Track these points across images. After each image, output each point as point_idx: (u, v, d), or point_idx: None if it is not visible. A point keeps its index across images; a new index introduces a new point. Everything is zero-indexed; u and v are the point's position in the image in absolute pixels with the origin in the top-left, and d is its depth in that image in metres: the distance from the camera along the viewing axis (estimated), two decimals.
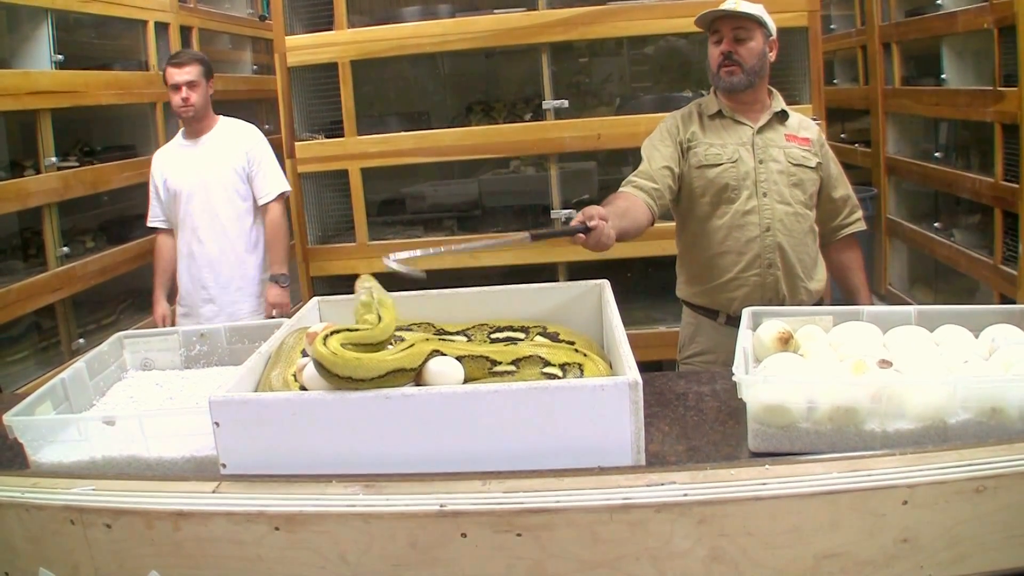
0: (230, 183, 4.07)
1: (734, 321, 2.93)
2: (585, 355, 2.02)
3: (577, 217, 2.46)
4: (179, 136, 4.16)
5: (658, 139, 3.06)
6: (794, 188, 2.98)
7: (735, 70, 2.94)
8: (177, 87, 3.94)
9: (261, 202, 4.13)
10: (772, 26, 2.97)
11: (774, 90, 3.09)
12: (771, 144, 2.99)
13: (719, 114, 3.04)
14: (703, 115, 3.07)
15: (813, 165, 3.00)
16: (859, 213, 3.17)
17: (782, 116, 3.04)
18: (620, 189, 2.96)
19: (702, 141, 3.01)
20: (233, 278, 4.11)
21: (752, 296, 2.95)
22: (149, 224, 4.21)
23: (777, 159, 2.97)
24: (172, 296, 4.22)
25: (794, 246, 2.96)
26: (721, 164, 2.98)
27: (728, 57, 2.94)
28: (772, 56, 3.01)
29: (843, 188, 3.13)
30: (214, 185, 4.05)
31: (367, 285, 2.02)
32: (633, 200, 2.84)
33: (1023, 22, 4.12)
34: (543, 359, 1.99)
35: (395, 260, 2.18)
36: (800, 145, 3.00)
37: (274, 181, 4.15)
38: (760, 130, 3.00)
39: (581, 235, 2.39)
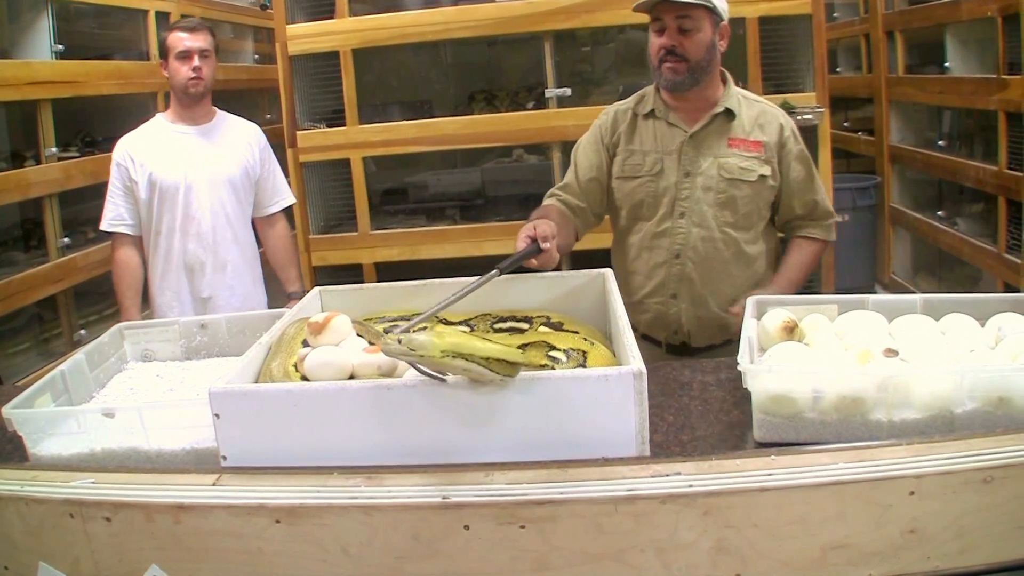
0: (240, 183, 3.56)
1: (646, 337, 2.85)
2: (592, 344, 2.01)
3: (527, 231, 2.40)
4: (163, 120, 3.57)
5: (589, 141, 2.87)
6: (721, 209, 2.70)
7: (679, 67, 2.63)
8: (187, 55, 3.39)
9: (268, 211, 3.69)
10: (724, 9, 2.65)
11: (729, 79, 2.80)
12: (705, 153, 2.71)
13: (652, 114, 2.78)
14: (638, 114, 2.80)
15: (754, 179, 2.69)
16: (827, 221, 2.82)
17: (728, 115, 2.72)
18: (547, 201, 2.85)
19: (624, 148, 2.79)
20: (249, 294, 3.63)
21: (655, 324, 2.81)
22: (109, 228, 3.51)
23: (707, 172, 2.69)
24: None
25: (708, 276, 2.72)
26: (639, 177, 2.76)
27: (671, 51, 2.63)
28: (723, 45, 2.71)
29: (811, 193, 2.77)
30: (223, 183, 3.51)
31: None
32: (562, 216, 2.73)
33: None
34: (548, 343, 1.98)
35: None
36: (746, 151, 2.70)
37: (284, 189, 3.77)
38: (694, 135, 2.71)
39: (533, 260, 2.36)
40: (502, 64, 5.16)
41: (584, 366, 1.91)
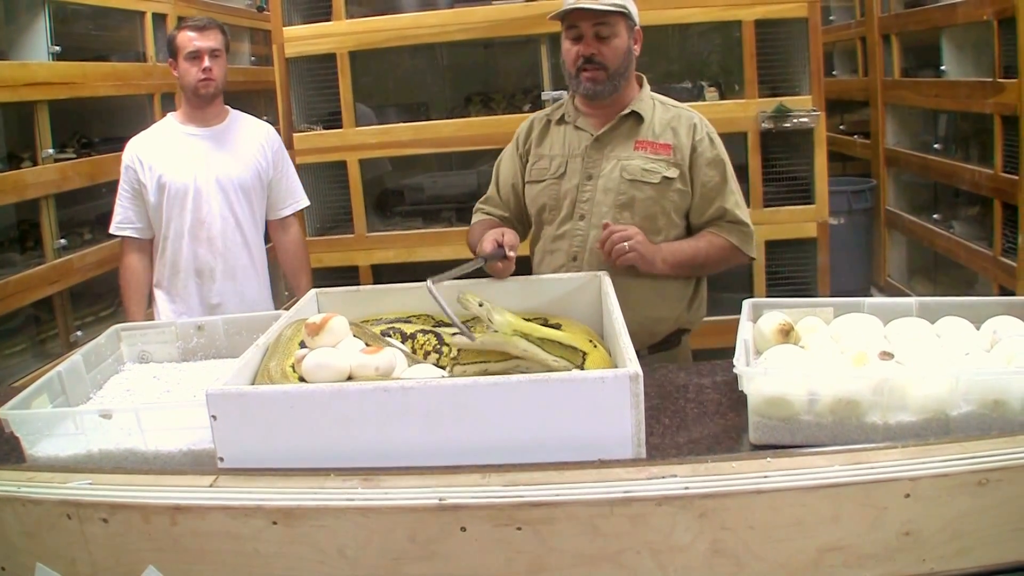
0: (251, 186, 3.45)
1: None
2: (595, 346, 2.02)
3: (494, 235, 2.47)
4: (173, 121, 3.46)
5: (508, 152, 2.90)
6: (620, 210, 2.64)
7: (598, 75, 2.60)
8: (198, 55, 3.30)
9: (281, 214, 3.60)
10: (635, 14, 2.64)
11: (645, 82, 2.78)
12: (608, 155, 2.67)
13: (562, 119, 2.77)
14: (551, 120, 2.80)
15: (657, 180, 2.62)
16: (741, 230, 2.69)
17: (637, 119, 2.68)
18: (475, 217, 2.91)
19: (535, 153, 2.79)
20: (258, 301, 3.50)
21: None
22: (118, 232, 3.43)
23: (609, 175, 2.65)
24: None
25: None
26: (543, 181, 2.74)
27: (589, 59, 2.59)
28: (637, 50, 2.68)
29: (721, 200, 2.67)
30: (234, 186, 3.41)
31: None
32: (499, 226, 2.71)
33: (1023, 14, 4.12)
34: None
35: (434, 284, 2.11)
36: (652, 154, 2.64)
37: (298, 191, 3.65)
38: (599, 138, 2.68)
39: (498, 264, 2.43)
40: (498, 66, 5.16)
41: (583, 367, 1.92)
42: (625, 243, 2.47)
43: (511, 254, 2.42)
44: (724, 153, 2.71)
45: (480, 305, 1.84)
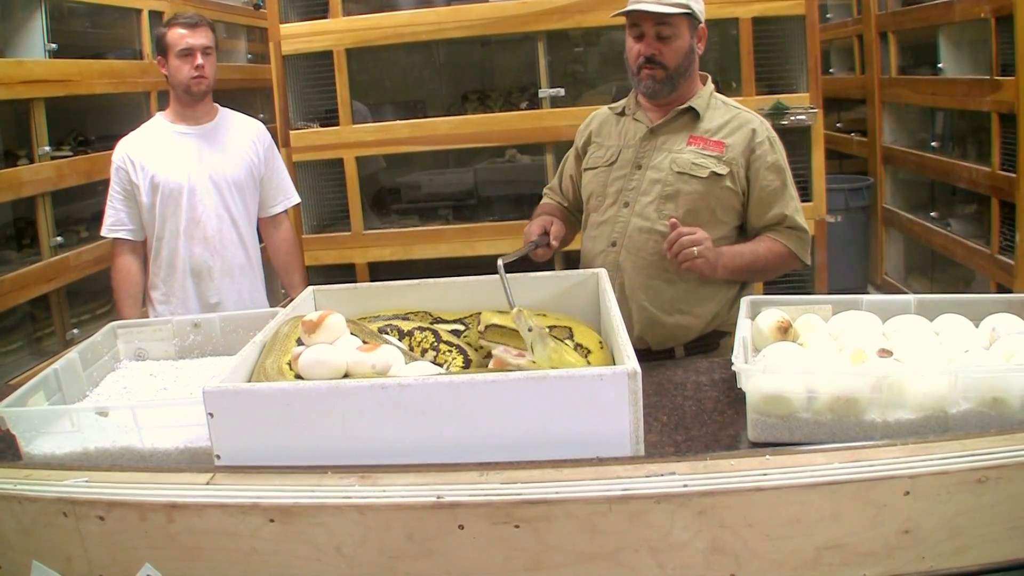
0: (245, 184, 3.44)
1: None
2: (602, 347, 2.02)
3: (542, 223, 2.72)
4: (163, 120, 3.43)
5: (574, 144, 2.99)
6: (665, 201, 2.64)
7: (658, 73, 2.62)
8: (190, 53, 3.27)
9: (272, 211, 3.59)
10: (701, 10, 2.64)
11: (709, 82, 2.80)
12: (661, 147, 2.69)
13: (623, 112, 2.82)
14: (614, 112, 2.86)
15: (705, 175, 2.61)
16: (799, 236, 2.68)
17: (693, 115, 2.70)
18: (545, 199, 3.05)
19: (593, 142, 2.85)
20: (256, 299, 3.51)
21: None
22: (110, 234, 3.39)
23: (659, 166, 2.66)
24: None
25: (640, 268, 2.65)
26: (596, 168, 2.79)
27: (650, 59, 2.62)
28: (701, 48, 2.71)
29: (780, 207, 2.65)
30: (228, 184, 3.39)
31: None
32: (563, 213, 2.94)
33: (1020, 11, 4.12)
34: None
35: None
36: (704, 150, 2.64)
37: (289, 188, 3.64)
38: (654, 129, 2.71)
39: (539, 250, 2.68)
40: (495, 64, 5.15)
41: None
42: (694, 248, 2.44)
43: (554, 243, 2.71)
44: (784, 159, 2.71)
45: (529, 330, 1.87)
